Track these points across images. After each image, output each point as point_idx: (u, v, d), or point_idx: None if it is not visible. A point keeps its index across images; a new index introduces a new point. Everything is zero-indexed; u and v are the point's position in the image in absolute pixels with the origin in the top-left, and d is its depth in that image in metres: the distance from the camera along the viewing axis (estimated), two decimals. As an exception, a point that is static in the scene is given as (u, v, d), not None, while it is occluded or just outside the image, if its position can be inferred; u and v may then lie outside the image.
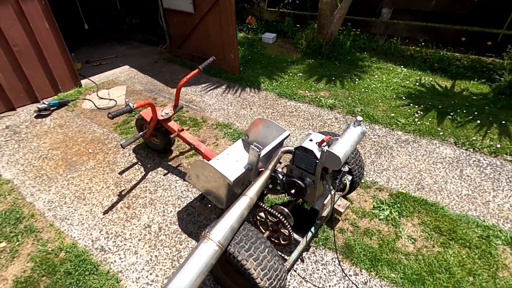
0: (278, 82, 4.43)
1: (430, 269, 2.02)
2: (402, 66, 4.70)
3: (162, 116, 2.67)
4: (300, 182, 1.89)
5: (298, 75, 4.61)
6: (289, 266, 1.85)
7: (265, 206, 1.89)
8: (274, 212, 1.86)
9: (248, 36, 6.12)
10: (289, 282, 1.98)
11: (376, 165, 2.93)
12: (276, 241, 2.01)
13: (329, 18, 4.72)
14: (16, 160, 3.08)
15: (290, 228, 1.83)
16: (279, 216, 1.84)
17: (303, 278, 2.00)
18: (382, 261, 2.07)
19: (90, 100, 4.14)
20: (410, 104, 3.78)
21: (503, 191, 2.60)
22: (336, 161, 1.71)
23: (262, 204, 1.91)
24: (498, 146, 3.04)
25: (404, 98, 3.91)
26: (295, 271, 2.04)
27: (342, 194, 2.12)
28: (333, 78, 4.45)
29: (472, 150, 3.06)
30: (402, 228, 2.31)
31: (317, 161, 1.79)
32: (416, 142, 3.21)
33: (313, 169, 1.85)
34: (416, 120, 3.49)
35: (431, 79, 4.34)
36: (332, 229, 2.28)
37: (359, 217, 2.41)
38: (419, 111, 3.63)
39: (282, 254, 2.12)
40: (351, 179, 2.07)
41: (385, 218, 2.38)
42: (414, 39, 4.95)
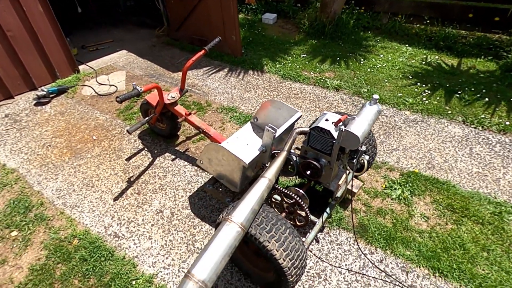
0: (282, 64, 4.34)
1: (444, 245, 2.03)
2: (407, 45, 4.61)
3: (169, 100, 2.60)
4: (316, 163, 1.86)
5: (301, 56, 4.51)
6: (306, 247, 1.85)
7: (281, 188, 1.87)
8: (290, 193, 1.84)
9: (248, 17, 5.94)
10: (305, 262, 1.99)
11: (385, 145, 2.91)
12: (292, 222, 2.01)
13: (332, -4, 4.58)
14: (19, 149, 3.02)
15: (307, 209, 1.82)
16: (296, 197, 1.82)
17: (319, 258, 2.01)
18: (397, 239, 2.08)
19: (89, 86, 4.03)
20: (417, 84, 3.72)
21: (513, 168, 2.61)
22: (355, 140, 1.68)
23: (278, 186, 1.89)
24: (507, 123, 3.03)
25: (410, 78, 3.85)
26: (311, 251, 2.05)
27: (358, 174, 2.10)
28: (337, 58, 4.36)
29: (480, 128, 3.05)
30: (415, 207, 2.31)
31: (334, 141, 1.75)
32: (425, 121, 3.19)
33: (329, 149, 1.82)
34: (424, 99, 3.45)
35: (437, 57, 4.27)
36: (349, 209, 2.28)
37: (371, 197, 2.41)
38: (426, 90, 3.59)
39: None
40: (367, 160, 2.05)
41: (397, 197, 2.39)
42: (419, 17, 4.83)
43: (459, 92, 3.50)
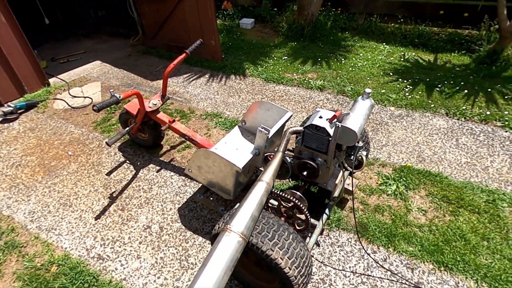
0: (264, 67, 4.29)
1: (445, 238, 2.00)
2: (385, 43, 4.70)
3: (150, 107, 2.45)
4: (312, 163, 1.78)
5: (282, 58, 4.48)
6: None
7: (277, 192, 1.77)
8: (288, 196, 1.74)
9: (225, 23, 5.88)
10: (308, 268, 1.89)
11: (375, 141, 2.89)
12: (291, 227, 1.90)
13: (309, -2, 4.61)
14: (-15, 170, 2.74)
15: (306, 212, 1.73)
16: (294, 200, 1.73)
17: (321, 262, 1.92)
18: (398, 236, 2.03)
19: (62, 99, 3.78)
20: (398, 80, 3.78)
21: (499, 155, 2.65)
22: (352, 136, 1.61)
23: (274, 190, 1.79)
24: (487, 113, 3.11)
25: (391, 74, 3.91)
26: (312, 256, 1.95)
27: (356, 171, 2.04)
28: (318, 59, 4.36)
29: (463, 119, 3.11)
30: (411, 201, 2.28)
31: (330, 138, 1.68)
32: (410, 116, 3.21)
33: (325, 147, 1.74)
34: (407, 94, 3.49)
35: (414, 54, 4.37)
36: (346, 209, 2.21)
37: (367, 194, 2.36)
38: (407, 86, 3.64)
39: (296, 241, 2.02)
40: (365, 156, 1.99)
41: (393, 193, 2.35)
42: (393, 16, 4.97)
43: (439, 85, 3.58)
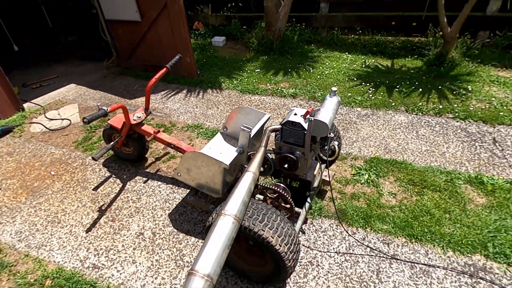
0: (238, 80, 4.53)
1: (414, 215, 2.25)
2: (347, 53, 5.15)
3: (135, 120, 2.56)
4: (291, 156, 1.98)
5: (255, 71, 4.76)
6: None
7: (263, 185, 1.94)
8: (273, 187, 1.92)
9: (198, 42, 6.13)
10: (296, 254, 2.05)
11: (346, 139, 3.16)
12: (278, 217, 2.06)
13: (275, 15, 4.98)
14: (-38, 197, 2.68)
15: (291, 200, 1.91)
16: (278, 190, 1.90)
17: (308, 247, 2.08)
18: (373, 217, 2.25)
19: (39, 123, 3.77)
20: (362, 84, 4.16)
21: (453, 142, 3.01)
22: (324, 127, 1.84)
23: (259, 184, 1.96)
24: (440, 107, 3.51)
25: (355, 79, 4.29)
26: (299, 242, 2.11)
27: (331, 159, 2.26)
28: (289, 70, 4.69)
29: (421, 114, 3.48)
30: (382, 187, 2.54)
31: (305, 132, 1.90)
32: (374, 114, 3.55)
33: (302, 141, 1.95)
34: (370, 96, 3.86)
35: (373, 60, 4.82)
36: (326, 199, 2.42)
37: (343, 185, 2.59)
38: (370, 88, 4.02)
39: (283, 231, 2.18)
40: (338, 145, 2.23)
41: (365, 181, 2.60)
42: (352, 28, 5.46)
43: (397, 86, 3.99)
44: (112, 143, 2.62)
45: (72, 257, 2.11)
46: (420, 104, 3.61)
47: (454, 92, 3.76)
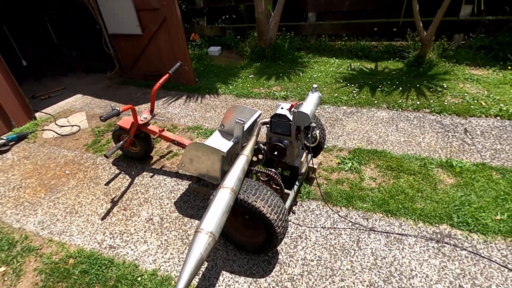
0: (234, 85, 4.88)
1: (390, 194, 2.56)
2: (334, 58, 5.53)
3: (142, 120, 2.88)
4: (280, 144, 2.29)
5: (249, 77, 5.11)
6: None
7: (256, 169, 2.25)
8: (265, 171, 2.23)
9: (195, 52, 6.52)
10: (287, 230, 2.34)
11: (332, 134, 3.49)
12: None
13: (266, 25, 5.38)
14: (-13, 195, 2.96)
15: (280, 181, 2.21)
16: (269, 172, 2.21)
17: (297, 224, 2.38)
18: (355, 197, 2.56)
19: (50, 130, 4.08)
20: (347, 85, 4.51)
21: (428, 133, 3.34)
22: (305, 118, 2.16)
23: (253, 169, 2.27)
24: (418, 103, 3.86)
25: (341, 81, 4.65)
26: (290, 221, 2.41)
27: (313, 145, 2.57)
28: (280, 75, 5.05)
29: (400, 110, 3.82)
30: (364, 173, 2.85)
31: (290, 122, 2.22)
32: (359, 112, 3.88)
33: (288, 131, 2.27)
34: (355, 95, 4.20)
35: (358, 64, 5.20)
36: (314, 185, 2.72)
37: (329, 172, 2.90)
38: (355, 89, 4.37)
39: (276, 212, 2.47)
40: (319, 133, 2.54)
41: (349, 168, 2.91)
42: (339, 35, 5.86)
43: (380, 86, 4.34)
44: (122, 141, 2.94)
45: (91, 240, 2.39)
46: (400, 101, 3.96)
47: (431, 90, 4.11)
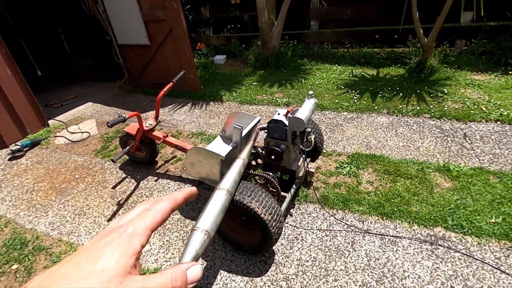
0: (237, 92, 5.01)
1: (386, 198, 2.61)
2: (337, 65, 5.62)
3: (147, 126, 3.02)
4: (277, 149, 2.39)
5: (253, 84, 5.25)
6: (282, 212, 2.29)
7: (254, 172, 2.34)
8: (263, 174, 2.32)
9: (201, 60, 6.71)
10: (284, 231, 2.41)
11: (332, 139, 3.56)
12: (267, 201, 2.45)
13: (269, 34, 5.52)
14: (2, 198, 3.13)
15: (277, 184, 2.30)
16: (266, 176, 2.30)
17: (294, 226, 2.45)
18: (351, 200, 2.61)
19: (62, 136, 4.27)
20: (349, 91, 4.59)
21: (427, 138, 3.38)
22: (300, 123, 2.25)
23: (250, 171, 2.36)
24: (418, 108, 3.90)
25: (343, 88, 4.73)
26: (287, 223, 2.48)
27: (310, 149, 2.65)
28: (283, 82, 5.16)
29: (400, 115, 3.87)
30: (361, 177, 2.90)
31: (286, 127, 2.32)
32: (359, 117, 3.95)
33: (284, 136, 2.37)
34: (356, 101, 4.27)
35: (360, 70, 5.27)
36: (312, 189, 2.79)
37: (327, 176, 2.96)
38: (356, 95, 4.44)
39: (274, 214, 2.55)
40: (314, 138, 2.62)
41: (347, 172, 2.97)
42: (341, 43, 5.96)
43: (381, 92, 4.40)
44: (128, 147, 3.09)
45: (97, 240, 2.51)
46: (400, 107, 4.01)
47: (432, 95, 4.15)
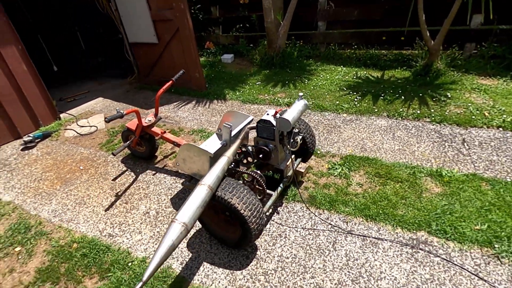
0: (241, 91, 5.10)
1: (373, 200, 2.63)
2: (342, 66, 5.61)
3: (146, 123, 3.16)
4: (265, 148, 2.46)
5: (257, 84, 5.32)
6: (267, 213, 2.37)
7: (241, 170, 2.43)
8: (249, 172, 2.40)
9: (209, 59, 6.84)
10: (269, 228, 2.49)
11: (328, 140, 3.59)
12: (254, 198, 2.52)
13: (275, 34, 5.57)
14: (12, 185, 3.36)
15: (263, 182, 2.37)
16: (253, 174, 2.38)
17: (279, 224, 2.51)
18: (338, 201, 2.65)
19: (71, 129, 4.50)
20: (350, 93, 4.58)
21: (424, 142, 3.35)
22: (287, 123, 2.31)
23: (239, 169, 2.44)
24: (418, 112, 3.86)
25: (345, 89, 4.72)
26: (273, 220, 2.55)
27: (294, 149, 2.70)
28: (286, 82, 5.21)
29: (400, 118, 3.85)
30: (352, 179, 2.93)
31: (274, 128, 2.38)
32: (358, 119, 3.95)
33: (272, 135, 2.43)
34: (356, 103, 4.27)
35: (365, 72, 5.24)
36: (301, 188, 2.85)
37: (318, 177, 3.01)
38: (358, 97, 4.43)
39: (261, 211, 2.62)
40: (301, 139, 2.66)
41: (338, 174, 3.00)
42: (348, 44, 5.93)
43: (383, 95, 4.37)
44: (128, 142, 3.24)
45: (93, 228, 2.67)
46: (401, 110, 3.98)
47: (434, 99, 4.09)
